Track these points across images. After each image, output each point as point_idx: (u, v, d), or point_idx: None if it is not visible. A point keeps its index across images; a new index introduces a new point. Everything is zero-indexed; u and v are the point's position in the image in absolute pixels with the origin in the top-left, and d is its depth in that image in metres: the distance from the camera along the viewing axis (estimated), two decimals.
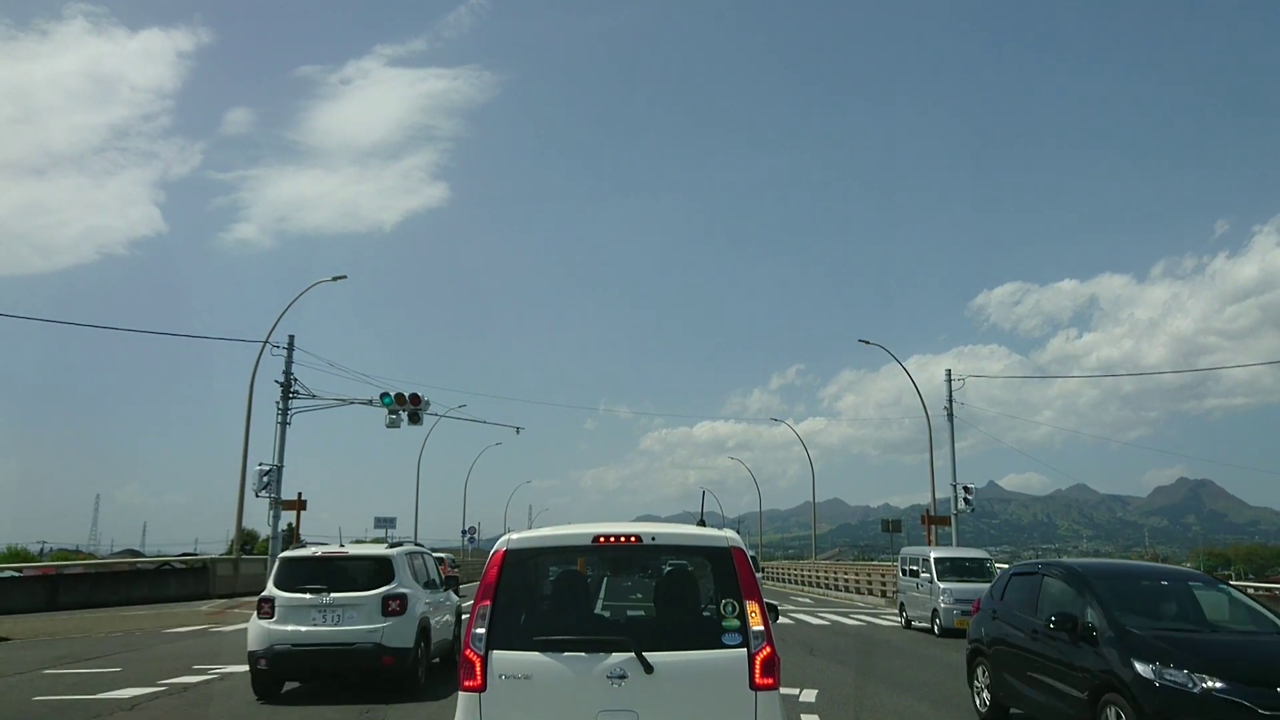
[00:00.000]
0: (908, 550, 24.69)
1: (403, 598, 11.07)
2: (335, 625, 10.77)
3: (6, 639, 17.68)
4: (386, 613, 10.92)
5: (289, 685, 11.37)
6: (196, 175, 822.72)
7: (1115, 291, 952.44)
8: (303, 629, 10.73)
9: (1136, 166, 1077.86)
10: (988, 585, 19.66)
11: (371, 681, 11.13)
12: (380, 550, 12.01)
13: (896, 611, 24.03)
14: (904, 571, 23.46)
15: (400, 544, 13.13)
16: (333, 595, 10.85)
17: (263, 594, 11.17)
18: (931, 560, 21.25)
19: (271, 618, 10.79)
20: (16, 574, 26.54)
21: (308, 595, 10.84)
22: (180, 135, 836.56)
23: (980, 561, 21.79)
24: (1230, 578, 62.53)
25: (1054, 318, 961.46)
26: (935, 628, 20.12)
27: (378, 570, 11.31)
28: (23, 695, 11.05)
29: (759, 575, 23.09)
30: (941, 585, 20.34)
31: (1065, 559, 12.59)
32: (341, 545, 13.38)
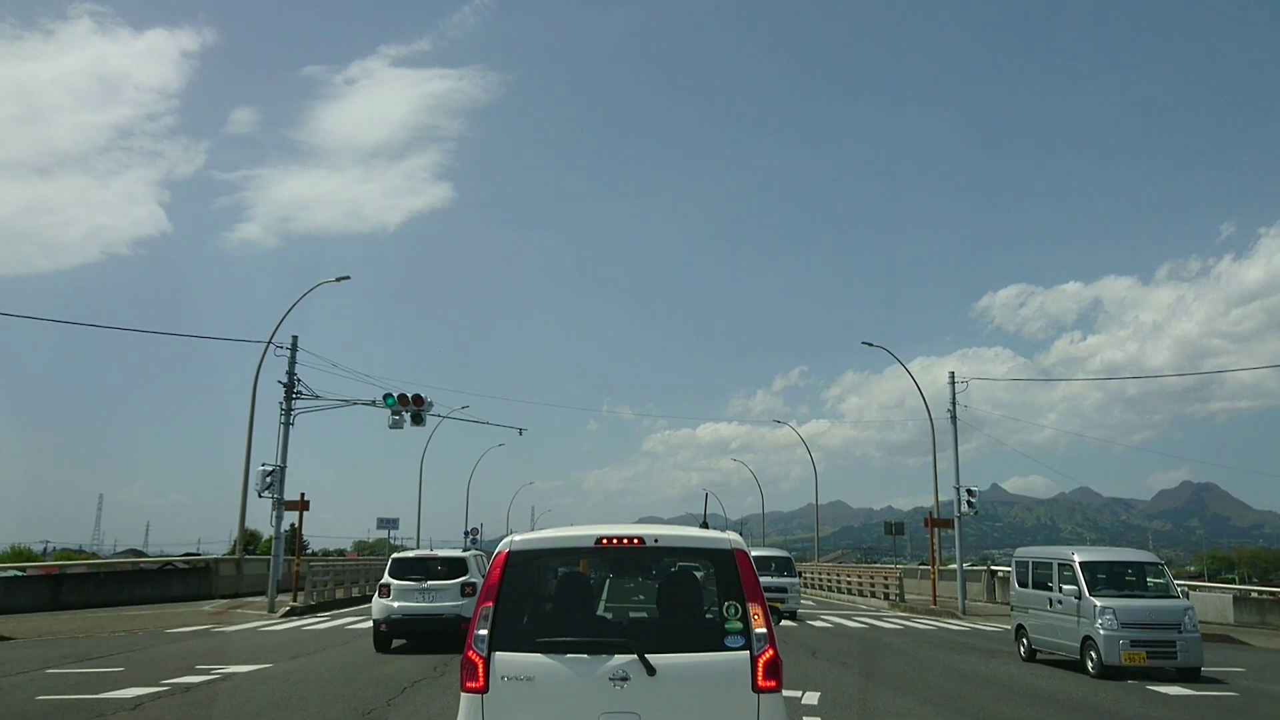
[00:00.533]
0: (1029, 551, 17.79)
1: (474, 584, 16.08)
2: (431, 602, 16.08)
3: (10, 638, 17.71)
4: (464, 594, 16.08)
5: (396, 642, 16.40)
6: (201, 175, 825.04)
7: (1120, 294, 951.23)
8: (409, 604, 15.99)
9: (1142, 168, 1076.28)
10: (1167, 602, 14.58)
11: (454, 640, 15.37)
12: (458, 553, 17.55)
13: (1012, 636, 17.54)
14: (1023, 581, 17.03)
15: (469, 549, 18.92)
16: (429, 582, 16.23)
17: (381, 581, 16.38)
18: (1077, 566, 15.12)
19: (388, 597, 16.00)
20: (20, 573, 26.57)
21: (412, 582, 16.21)
22: (185, 135, 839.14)
23: (1146, 568, 15.76)
24: (1234, 582, 62.48)
25: (1058, 320, 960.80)
26: (1090, 664, 14.43)
27: (457, 566, 16.71)
28: (26, 694, 11.06)
29: (796, 580, 22.57)
30: (1098, 603, 14.37)
31: None
32: (431, 550, 19.61)
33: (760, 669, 4.83)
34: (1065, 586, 15.33)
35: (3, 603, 23.98)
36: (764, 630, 4.92)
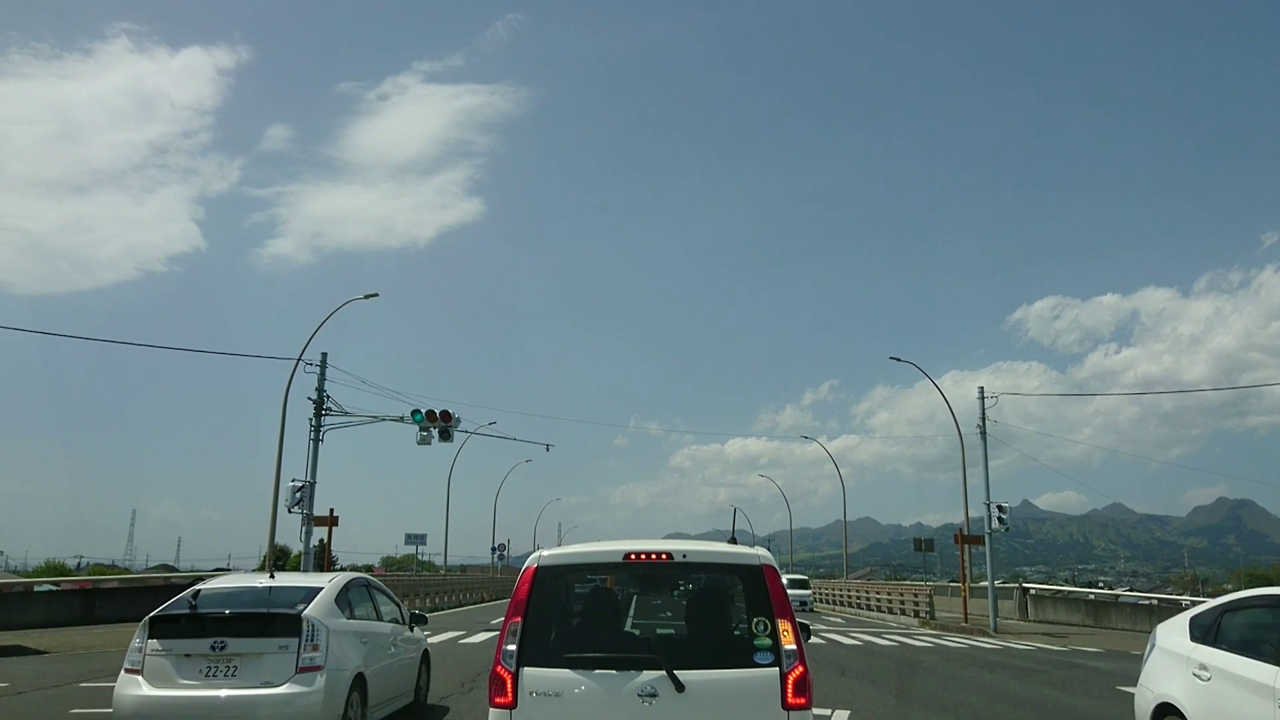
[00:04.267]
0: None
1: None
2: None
3: (45, 652, 17.94)
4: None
5: None
6: (234, 191, 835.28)
7: (1159, 306, 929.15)
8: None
9: (1181, 177, 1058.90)
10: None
11: None
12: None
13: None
14: None
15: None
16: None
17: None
18: None
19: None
20: (55, 588, 26.93)
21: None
22: (219, 152, 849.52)
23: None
24: None
25: (1094, 332, 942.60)
26: None
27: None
28: (60, 708, 11.20)
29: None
30: None
31: None
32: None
33: (790, 686, 4.80)
34: None
35: (38, 617, 24.29)
36: (794, 647, 4.89)
